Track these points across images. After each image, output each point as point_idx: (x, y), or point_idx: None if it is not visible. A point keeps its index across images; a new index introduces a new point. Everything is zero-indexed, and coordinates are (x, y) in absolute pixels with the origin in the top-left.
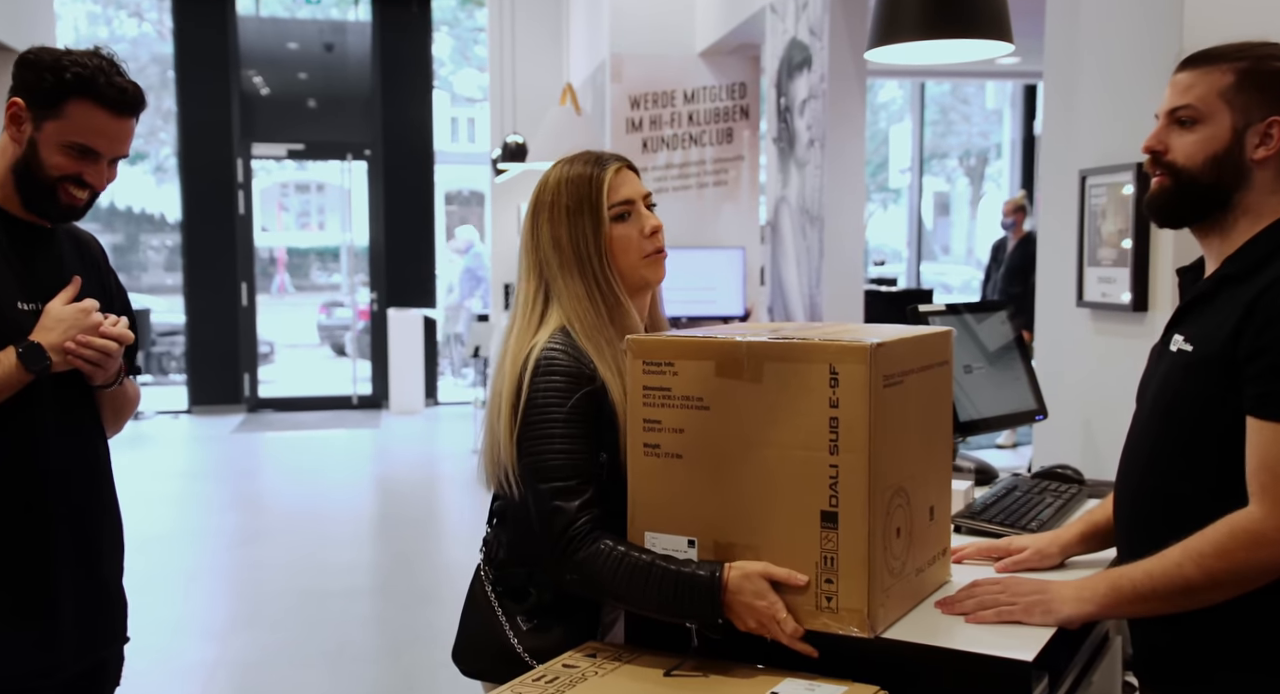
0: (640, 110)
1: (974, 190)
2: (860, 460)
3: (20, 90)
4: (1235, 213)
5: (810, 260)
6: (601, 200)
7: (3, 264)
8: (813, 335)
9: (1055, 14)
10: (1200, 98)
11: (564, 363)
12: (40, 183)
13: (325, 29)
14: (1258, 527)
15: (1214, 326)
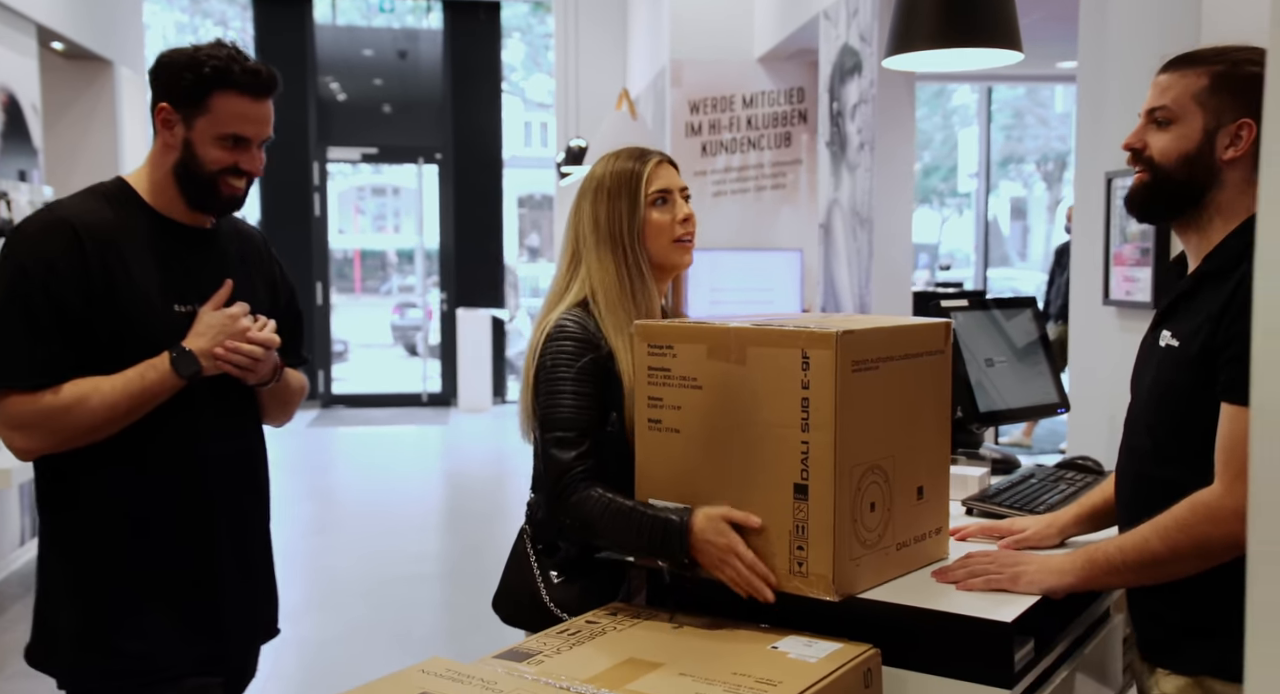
0: (700, 115)
1: (1051, 195)
2: (827, 438)
3: (164, 94)
4: (1210, 211)
5: (860, 261)
6: (641, 186)
7: (161, 267)
8: (789, 323)
9: (1088, 22)
10: (1175, 99)
11: (572, 331)
12: (202, 180)
13: (399, 37)
14: (1216, 501)
15: (1197, 323)
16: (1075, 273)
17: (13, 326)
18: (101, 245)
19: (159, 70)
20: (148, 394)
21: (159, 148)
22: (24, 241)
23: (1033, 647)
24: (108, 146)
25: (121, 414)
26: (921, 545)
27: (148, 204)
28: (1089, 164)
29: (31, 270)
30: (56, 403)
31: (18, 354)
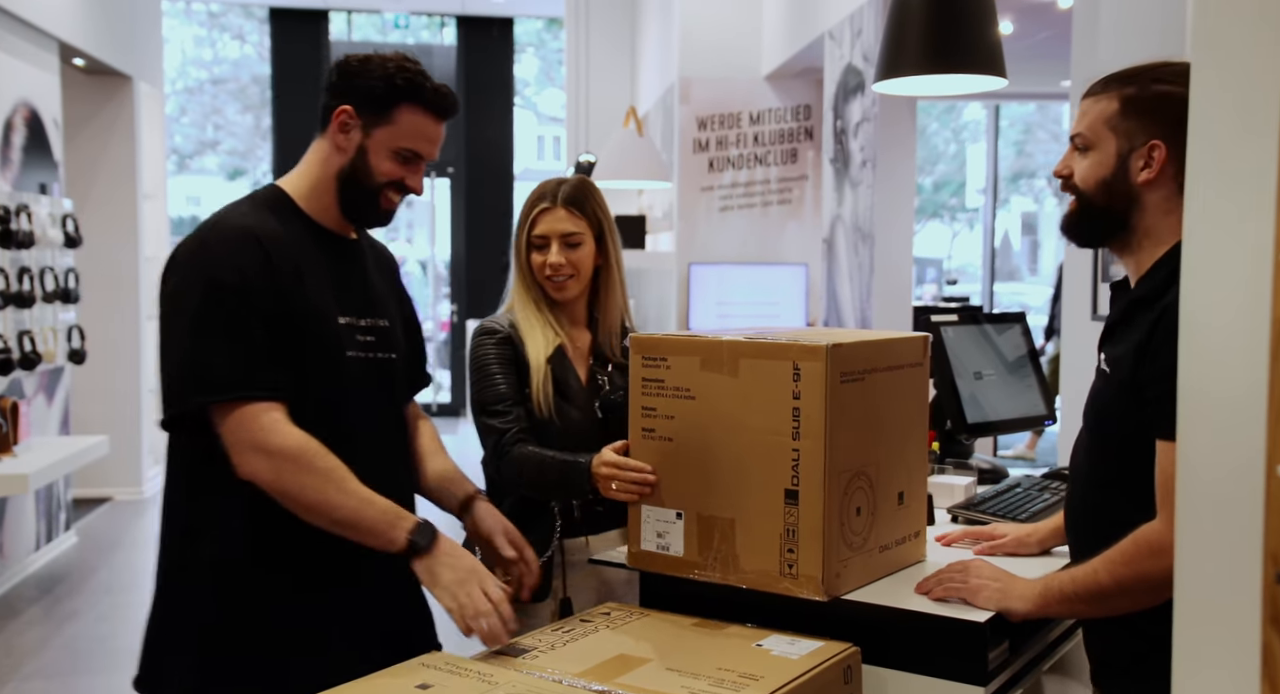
0: (707, 131)
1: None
2: (818, 446)
3: (348, 97)
4: (1137, 235)
5: (862, 276)
6: (526, 227)
7: (324, 278)
8: (782, 336)
9: (1080, 41)
10: (1089, 126)
11: (489, 326)
12: (366, 189)
13: (413, 52)
14: (1157, 538)
15: (1125, 350)
16: (1066, 289)
17: (217, 338)
18: (282, 257)
19: (346, 74)
20: (365, 526)
21: (326, 150)
22: (212, 255)
23: (1008, 647)
24: (127, 160)
25: (332, 514)
26: (902, 548)
27: (303, 211)
28: None
29: (228, 282)
30: (292, 438)
31: (233, 364)
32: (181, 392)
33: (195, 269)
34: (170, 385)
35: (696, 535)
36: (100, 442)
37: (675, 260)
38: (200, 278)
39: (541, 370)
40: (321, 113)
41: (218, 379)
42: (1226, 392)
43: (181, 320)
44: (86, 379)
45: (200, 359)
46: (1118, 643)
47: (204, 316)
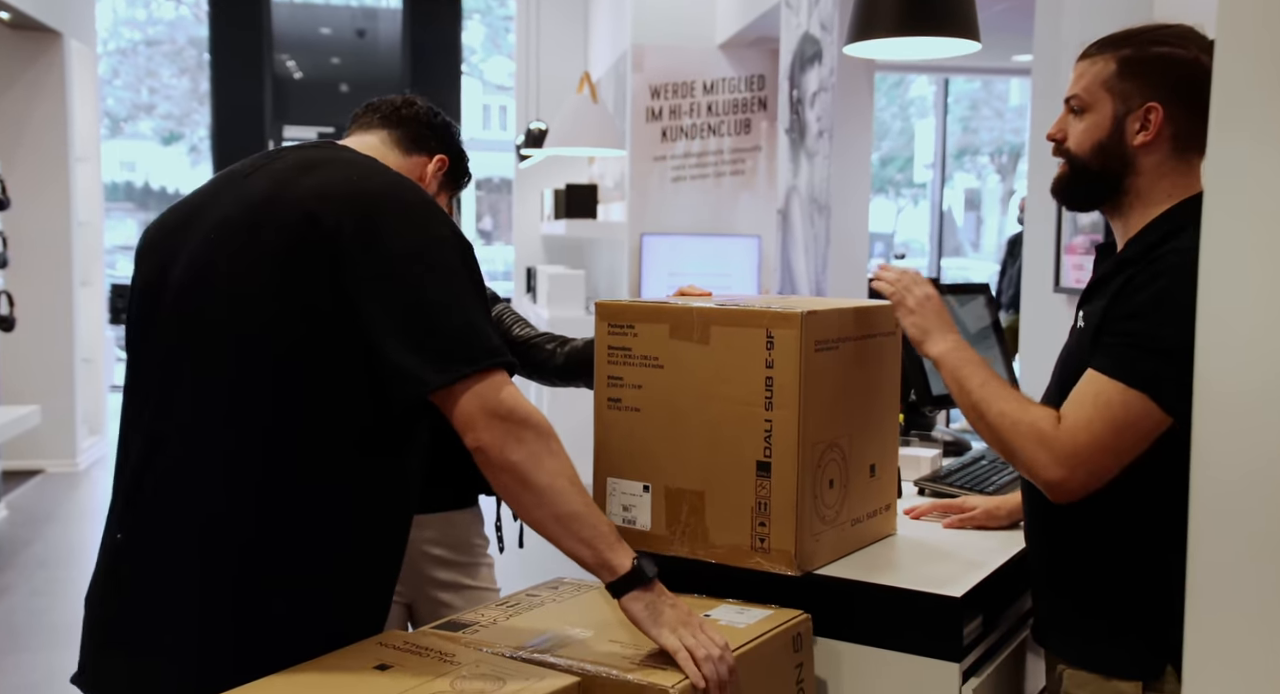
0: (660, 100)
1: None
2: (791, 416)
3: (444, 148)
4: (1129, 198)
5: (817, 247)
6: None
7: None
8: (756, 303)
9: (1043, 12)
10: (1086, 87)
11: None
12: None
13: (357, 15)
14: (1049, 430)
15: (1100, 304)
16: (1027, 262)
17: (480, 299)
18: None
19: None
20: (587, 534)
21: (402, 165)
22: (440, 213)
23: (981, 621)
24: (57, 120)
25: (560, 506)
26: (873, 521)
27: None
28: (1043, 155)
29: (463, 238)
30: (537, 414)
31: (493, 328)
32: (470, 354)
33: (435, 221)
34: (454, 346)
35: (664, 509)
36: (31, 412)
37: (627, 231)
38: (448, 233)
39: None
40: (412, 132)
41: (489, 343)
42: (1245, 385)
43: (442, 273)
44: (16, 347)
45: (475, 321)
46: (1053, 603)
47: (465, 275)
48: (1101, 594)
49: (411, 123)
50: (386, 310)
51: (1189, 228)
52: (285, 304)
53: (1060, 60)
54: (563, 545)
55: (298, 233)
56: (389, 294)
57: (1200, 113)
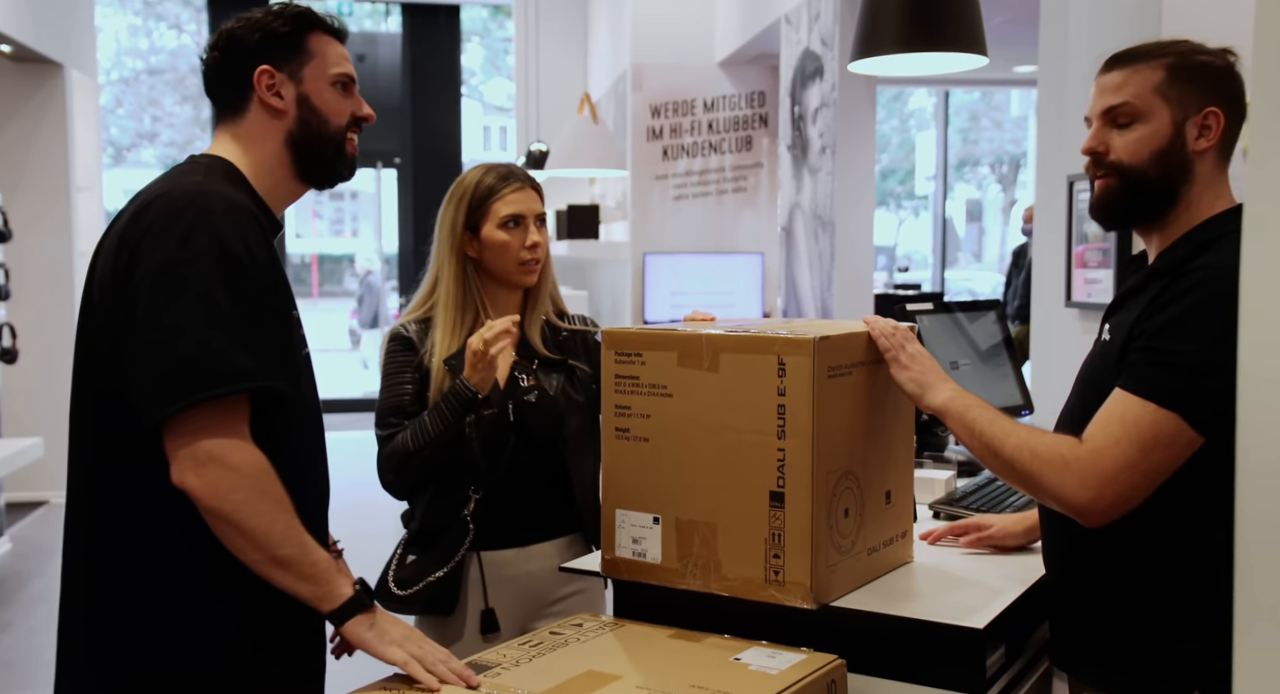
0: (661, 119)
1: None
2: (804, 445)
3: (259, 56)
4: (1178, 208)
5: (822, 264)
6: (479, 208)
7: (280, 273)
8: (766, 329)
9: (1048, 24)
10: (1135, 95)
11: (393, 330)
12: (328, 138)
13: (357, 40)
14: (1071, 455)
15: (1129, 316)
16: (1037, 276)
17: (234, 318)
18: (268, 237)
19: (240, 38)
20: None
21: (262, 122)
22: (216, 221)
23: (1004, 652)
24: (59, 151)
25: (275, 549)
26: (890, 550)
27: (255, 192)
28: (1050, 167)
29: (237, 252)
30: (254, 453)
31: (249, 351)
32: (195, 384)
33: (201, 235)
34: (176, 375)
35: (675, 541)
36: (34, 443)
37: (630, 250)
38: (210, 247)
39: (440, 373)
40: (226, 93)
41: (224, 369)
42: None
43: (189, 296)
44: (18, 379)
45: (213, 345)
46: (1076, 628)
47: (220, 293)
48: (1127, 618)
49: (220, 77)
50: (133, 332)
51: (1222, 240)
52: (111, 327)
53: (1066, 70)
54: (282, 584)
55: (114, 256)
56: (138, 315)
57: (1241, 120)
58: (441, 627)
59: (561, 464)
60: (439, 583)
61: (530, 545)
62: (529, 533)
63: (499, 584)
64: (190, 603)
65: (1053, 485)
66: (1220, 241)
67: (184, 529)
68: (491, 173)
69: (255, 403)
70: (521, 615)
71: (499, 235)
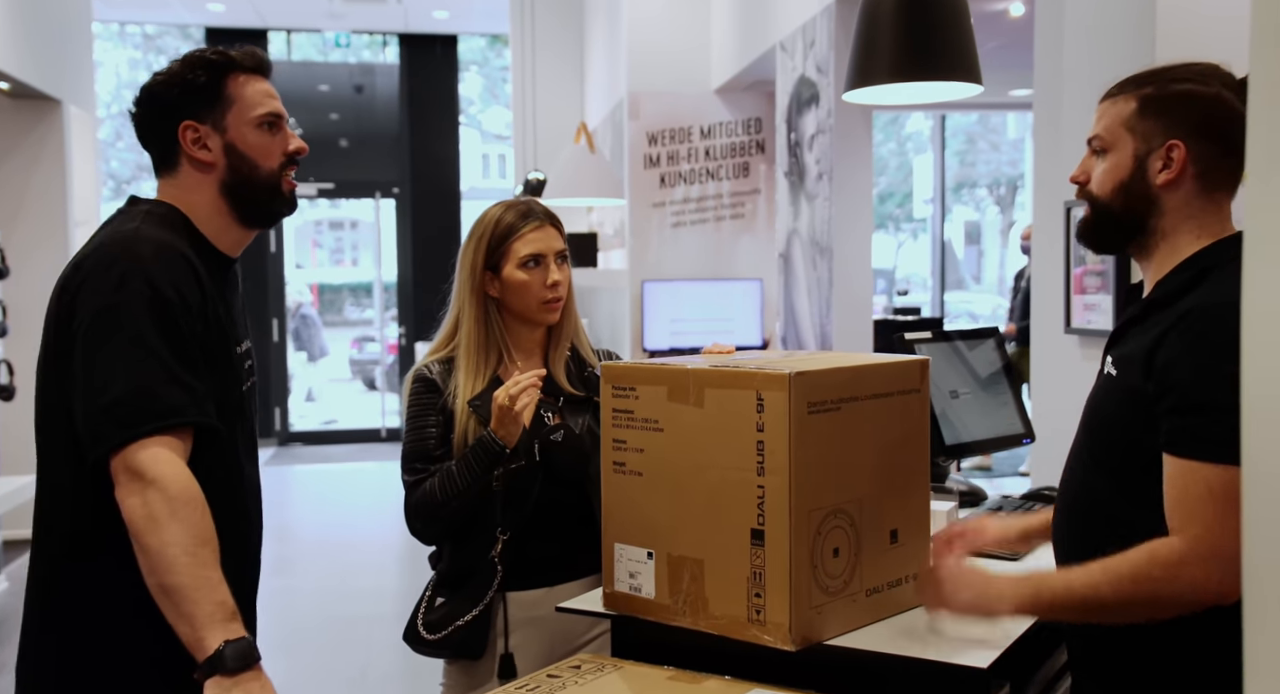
0: (658, 146)
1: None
2: (783, 482)
3: (181, 111)
4: (1155, 238)
5: (821, 291)
6: (500, 247)
7: (225, 309)
8: (749, 364)
9: (1043, 50)
10: (1107, 127)
11: (417, 371)
12: (261, 183)
13: (355, 71)
14: (1177, 559)
15: (1135, 351)
16: (1036, 302)
17: (165, 359)
18: (205, 280)
19: (159, 94)
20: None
21: (194, 175)
22: (147, 267)
23: (1009, 691)
24: (56, 186)
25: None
26: (898, 591)
27: (202, 234)
28: (1046, 193)
29: (170, 298)
30: (185, 480)
31: (182, 388)
32: (131, 419)
33: (132, 280)
34: (113, 412)
35: (667, 576)
36: (31, 481)
37: (628, 278)
38: (141, 291)
39: (464, 416)
40: (155, 150)
41: (157, 406)
42: None
43: (123, 337)
44: (16, 416)
45: (147, 384)
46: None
47: (151, 334)
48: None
49: (145, 142)
50: (76, 373)
51: (1214, 271)
52: (58, 371)
53: (1061, 94)
54: (167, 617)
55: (57, 303)
56: (76, 359)
57: (1228, 150)
58: (471, 670)
59: (588, 502)
60: (468, 626)
61: (559, 585)
62: (557, 572)
63: (528, 624)
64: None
65: (1180, 594)
66: (1214, 273)
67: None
68: (511, 211)
69: None
70: (549, 655)
71: (519, 275)
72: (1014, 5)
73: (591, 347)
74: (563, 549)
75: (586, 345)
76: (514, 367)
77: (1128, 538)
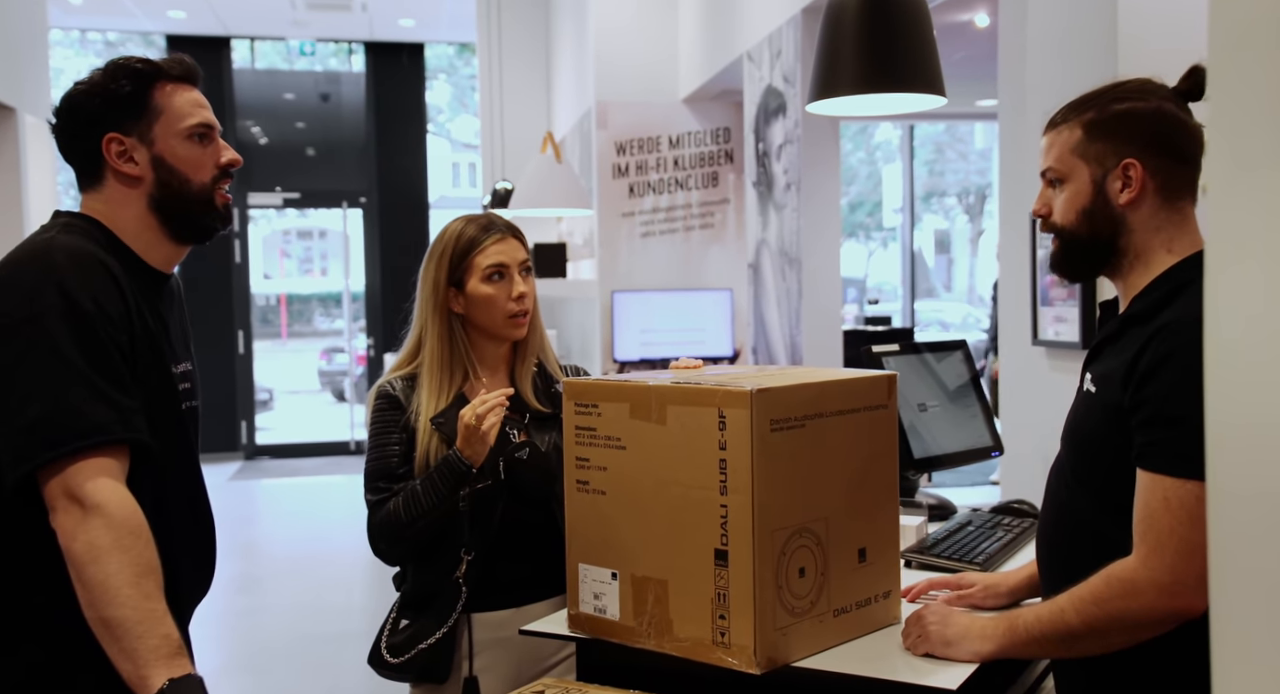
0: (626, 156)
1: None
2: (745, 501)
3: (105, 123)
4: (1128, 258)
5: (790, 301)
6: (463, 260)
7: (159, 321)
8: (710, 380)
9: (1007, 59)
10: (1058, 158)
11: (380, 388)
12: (192, 197)
13: (321, 80)
14: (1130, 575)
15: (1113, 368)
16: (1003, 314)
17: (87, 374)
18: (129, 294)
19: (80, 104)
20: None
21: (120, 189)
22: (64, 277)
23: None
24: (10, 195)
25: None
26: (867, 611)
27: (127, 246)
28: (1013, 205)
29: (89, 310)
30: (128, 506)
31: (109, 405)
32: (54, 438)
33: (46, 290)
34: (36, 431)
35: (631, 598)
36: None
37: (597, 288)
38: (55, 303)
39: (426, 434)
40: (79, 163)
41: (81, 424)
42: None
43: (39, 352)
44: None
45: (69, 401)
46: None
47: (69, 346)
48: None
49: (70, 147)
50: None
51: (1190, 286)
52: None
53: (1025, 105)
54: (109, 653)
55: None
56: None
57: (1180, 159)
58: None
59: (555, 522)
60: (431, 649)
61: (526, 606)
62: (524, 592)
63: (495, 646)
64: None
65: (1141, 613)
66: (1189, 288)
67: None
68: (472, 224)
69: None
70: (517, 677)
71: (484, 289)
72: (979, 16)
73: (559, 363)
74: (529, 569)
75: (553, 360)
76: (479, 384)
77: (1111, 557)
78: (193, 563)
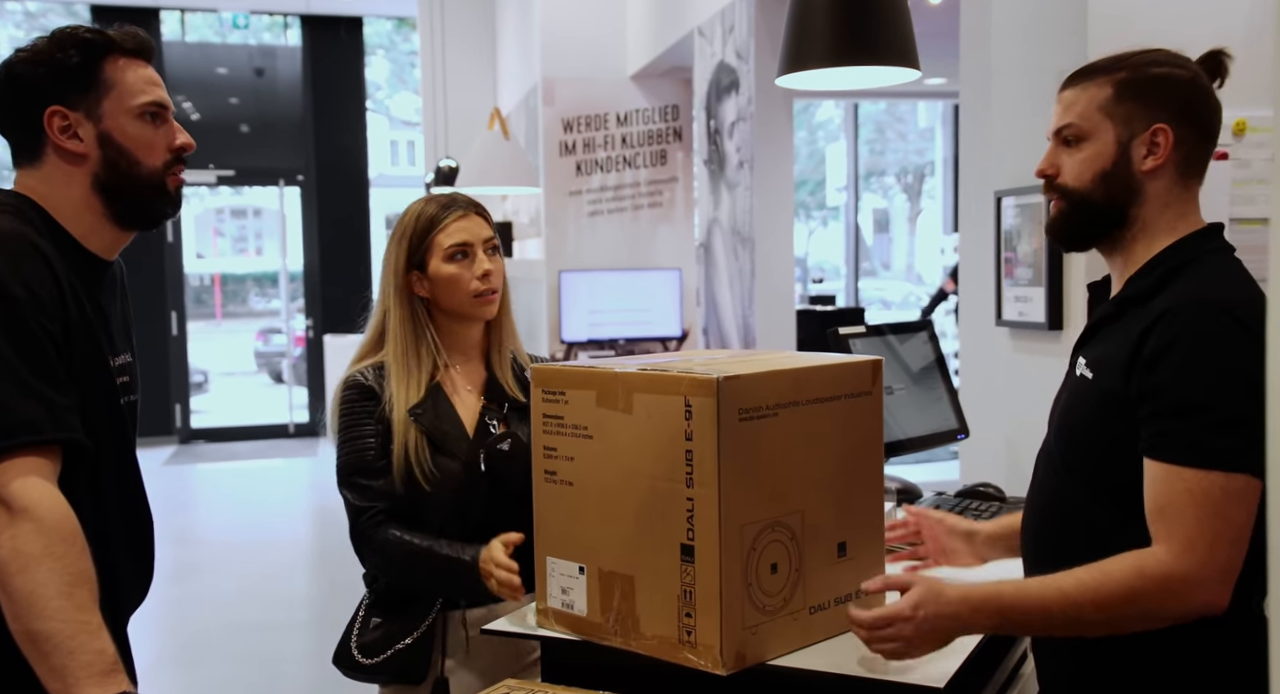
0: (573, 133)
1: (912, 207)
2: (711, 494)
3: (48, 95)
4: (1134, 230)
5: (743, 281)
6: (423, 240)
7: (96, 310)
8: (676, 366)
9: (969, 36)
10: (1081, 114)
11: (352, 379)
12: (145, 179)
13: (255, 54)
14: (1167, 570)
15: (1112, 352)
16: (964, 293)
17: (13, 365)
18: (65, 280)
19: (21, 73)
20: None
21: (61, 167)
22: None
23: None
24: None
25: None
26: (846, 607)
27: (64, 230)
28: (975, 183)
29: (19, 297)
30: (59, 510)
31: (38, 400)
32: None
33: None
34: None
35: (599, 593)
36: None
37: (545, 268)
38: None
39: (404, 425)
40: (16, 137)
41: (19, 419)
42: None
43: None
44: None
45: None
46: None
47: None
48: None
49: (5, 120)
50: None
51: (1190, 266)
52: None
53: (990, 83)
54: (37, 671)
55: None
56: None
57: (1205, 135)
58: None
59: None
60: (409, 649)
61: (502, 602)
62: None
63: (473, 644)
64: None
65: (1175, 608)
66: (1189, 267)
67: None
68: (432, 203)
69: None
70: (495, 676)
71: (447, 269)
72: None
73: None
74: None
75: (520, 347)
76: (451, 372)
77: (1104, 546)
78: (132, 568)
